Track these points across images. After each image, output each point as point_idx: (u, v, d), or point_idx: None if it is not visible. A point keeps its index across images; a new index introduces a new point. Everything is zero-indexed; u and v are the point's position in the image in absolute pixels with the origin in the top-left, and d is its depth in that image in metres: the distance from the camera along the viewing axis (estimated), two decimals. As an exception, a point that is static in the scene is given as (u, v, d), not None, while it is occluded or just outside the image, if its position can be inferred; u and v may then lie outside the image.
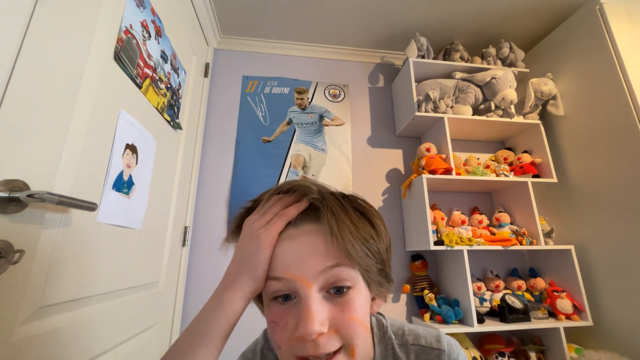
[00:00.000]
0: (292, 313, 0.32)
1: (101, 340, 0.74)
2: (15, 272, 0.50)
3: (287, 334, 0.32)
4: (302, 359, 0.32)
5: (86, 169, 0.66)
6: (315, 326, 0.30)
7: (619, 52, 1.23)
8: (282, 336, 0.32)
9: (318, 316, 0.30)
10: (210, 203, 1.43)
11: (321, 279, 0.32)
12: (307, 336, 0.30)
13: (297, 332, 0.31)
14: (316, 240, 0.33)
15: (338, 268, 0.32)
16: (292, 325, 0.32)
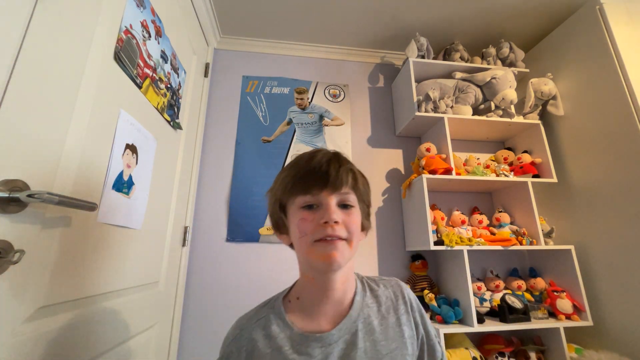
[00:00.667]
0: (317, 214, 0.47)
1: (101, 340, 0.74)
2: (15, 272, 0.50)
3: (314, 224, 0.47)
4: (318, 241, 0.46)
5: (86, 169, 0.66)
6: (334, 215, 0.46)
7: (619, 52, 1.23)
8: (310, 226, 0.47)
9: (336, 212, 0.47)
10: (210, 203, 1.44)
11: (337, 197, 0.49)
12: (330, 221, 0.46)
13: (322, 219, 0.46)
14: None
15: (348, 194, 0.50)
16: (317, 219, 0.47)
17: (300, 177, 0.49)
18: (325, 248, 0.46)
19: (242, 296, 1.33)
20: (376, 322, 0.51)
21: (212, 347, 1.27)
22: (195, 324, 1.28)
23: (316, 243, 0.46)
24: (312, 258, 0.47)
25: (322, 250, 0.46)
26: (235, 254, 1.38)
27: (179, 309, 1.25)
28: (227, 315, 1.30)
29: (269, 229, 1.43)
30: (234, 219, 1.42)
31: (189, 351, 1.25)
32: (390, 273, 1.44)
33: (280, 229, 0.54)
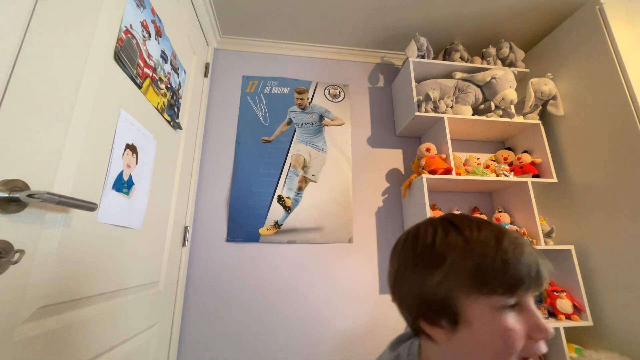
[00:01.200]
0: (522, 322, 0.37)
1: (101, 340, 0.74)
2: (15, 272, 0.50)
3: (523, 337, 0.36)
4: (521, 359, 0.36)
5: (86, 169, 0.66)
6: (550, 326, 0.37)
7: (619, 52, 1.23)
8: (520, 340, 0.36)
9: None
10: (210, 203, 1.44)
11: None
12: (549, 335, 0.36)
13: (540, 335, 0.36)
14: None
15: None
16: (525, 329, 0.36)
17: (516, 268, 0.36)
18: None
19: (242, 296, 1.33)
20: None
21: (212, 347, 1.27)
22: (195, 324, 1.28)
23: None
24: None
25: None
26: (235, 254, 1.38)
27: (179, 309, 1.25)
28: (227, 315, 1.30)
29: (269, 228, 1.43)
30: (234, 219, 1.42)
31: (189, 351, 1.25)
32: (390, 273, 1.45)
33: (440, 320, 0.39)
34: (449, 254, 0.39)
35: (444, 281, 0.38)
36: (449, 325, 0.39)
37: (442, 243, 0.40)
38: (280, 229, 1.43)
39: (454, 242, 0.39)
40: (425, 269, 0.40)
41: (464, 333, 0.38)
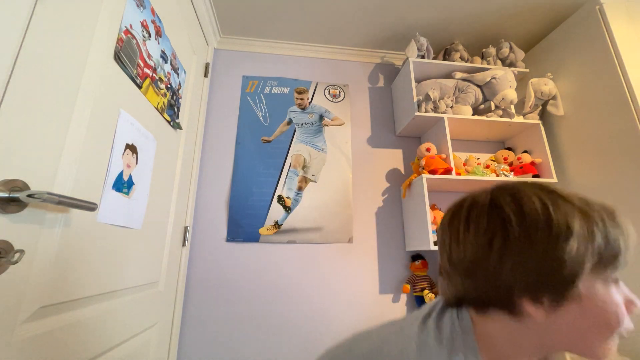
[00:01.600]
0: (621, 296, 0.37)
1: (101, 340, 0.74)
2: (15, 272, 0.50)
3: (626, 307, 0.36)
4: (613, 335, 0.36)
5: (86, 169, 0.66)
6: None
7: (619, 52, 1.23)
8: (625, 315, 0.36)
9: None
10: (210, 203, 1.44)
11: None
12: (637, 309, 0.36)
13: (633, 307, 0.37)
14: None
15: None
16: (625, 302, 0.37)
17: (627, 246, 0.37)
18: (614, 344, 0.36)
19: (242, 296, 1.33)
20: None
21: (212, 347, 1.27)
22: (195, 324, 1.28)
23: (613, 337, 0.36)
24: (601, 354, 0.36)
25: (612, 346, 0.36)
26: (235, 254, 1.38)
27: (179, 309, 1.25)
28: (227, 315, 1.30)
29: (269, 228, 1.43)
30: (234, 219, 1.42)
31: (189, 351, 1.25)
32: (390, 273, 1.45)
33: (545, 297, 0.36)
34: (574, 224, 0.35)
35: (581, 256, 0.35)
36: (553, 302, 0.36)
37: (559, 212, 0.36)
38: (280, 229, 1.43)
39: (572, 212, 0.36)
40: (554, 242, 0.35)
41: (569, 310, 0.36)
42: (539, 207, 0.37)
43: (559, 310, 0.36)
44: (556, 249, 0.35)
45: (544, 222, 0.36)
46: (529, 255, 0.36)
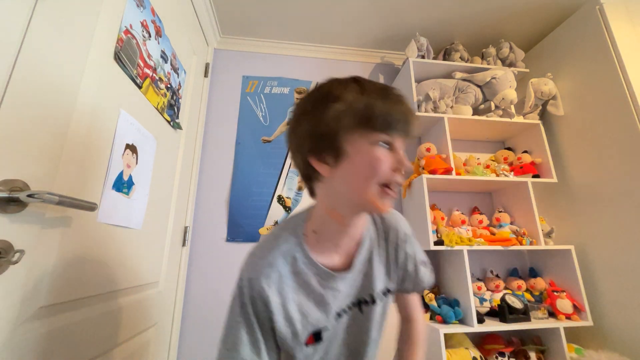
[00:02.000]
0: (391, 157, 0.46)
1: (101, 340, 0.74)
2: (15, 272, 0.50)
3: (387, 166, 0.45)
4: (384, 187, 0.45)
5: (86, 169, 0.66)
6: (407, 163, 0.46)
7: (619, 52, 1.23)
8: (384, 167, 0.45)
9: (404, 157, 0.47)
10: (210, 203, 1.44)
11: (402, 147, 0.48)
12: (405, 169, 0.46)
13: (398, 164, 0.45)
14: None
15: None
16: (392, 162, 0.45)
17: (390, 113, 0.45)
18: (386, 199, 0.46)
19: (242, 296, 1.33)
20: (376, 250, 0.57)
21: (212, 347, 1.26)
22: (195, 324, 1.28)
23: (382, 188, 0.46)
24: (371, 202, 0.46)
25: (383, 199, 0.46)
26: (235, 254, 1.38)
27: (179, 309, 1.25)
28: (227, 315, 1.30)
29: (269, 228, 1.43)
30: (234, 219, 1.42)
31: (189, 351, 1.25)
32: (390, 273, 1.44)
33: (327, 156, 0.46)
34: (346, 95, 0.45)
35: (338, 116, 0.45)
36: (333, 161, 0.46)
37: (340, 87, 0.47)
38: (280, 229, 1.43)
39: (351, 88, 0.47)
40: (322, 107, 0.46)
41: (344, 165, 0.46)
42: (324, 86, 0.49)
43: (338, 166, 0.46)
44: (322, 113, 0.45)
45: (320, 94, 0.47)
46: (307, 121, 0.47)
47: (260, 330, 0.48)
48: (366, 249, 0.56)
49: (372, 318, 0.56)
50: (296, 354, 0.51)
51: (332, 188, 0.49)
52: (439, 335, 1.13)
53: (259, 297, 0.48)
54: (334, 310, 0.52)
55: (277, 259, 0.50)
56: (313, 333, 0.51)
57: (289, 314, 0.49)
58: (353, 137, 0.45)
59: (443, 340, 1.13)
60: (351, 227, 0.52)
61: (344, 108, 0.45)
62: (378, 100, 0.45)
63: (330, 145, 0.46)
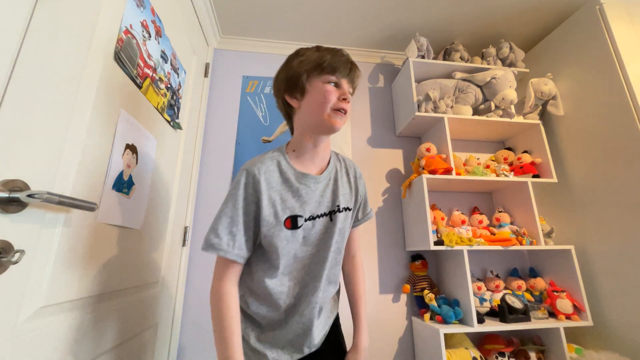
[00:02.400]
0: (338, 91, 0.67)
1: (101, 340, 0.74)
2: (15, 272, 0.50)
3: (336, 97, 0.66)
4: (335, 111, 0.66)
5: (86, 169, 0.66)
6: (349, 95, 0.68)
7: (618, 52, 1.23)
8: (333, 97, 0.65)
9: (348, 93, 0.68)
10: (210, 203, 1.43)
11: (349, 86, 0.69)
12: (348, 98, 0.67)
13: (343, 96, 0.66)
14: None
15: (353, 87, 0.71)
16: (339, 94, 0.66)
17: (332, 63, 0.66)
18: (338, 117, 0.66)
19: (242, 296, 1.33)
20: (340, 176, 0.76)
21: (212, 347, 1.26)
22: (195, 324, 1.28)
23: (333, 111, 0.65)
24: (327, 120, 0.65)
25: (336, 118, 0.66)
26: (235, 254, 1.38)
27: (179, 309, 1.25)
28: (227, 315, 1.30)
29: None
30: (234, 219, 1.42)
31: (189, 351, 1.25)
32: (390, 272, 1.45)
33: (295, 93, 0.68)
34: (306, 52, 0.69)
35: (301, 63, 0.67)
36: (300, 95, 0.68)
37: (303, 49, 0.70)
38: (280, 229, 1.43)
39: (311, 49, 0.70)
40: (291, 61, 0.70)
41: (307, 98, 0.67)
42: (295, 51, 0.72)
43: (303, 99, 0.68)
44: (291, 63, 0.69)
45: (291, 55, 0.71)
46: (282, 71, 0.71)
47: (243, 217, 0.63)
48: (333, 168, 0.75)
49: (336, 225, 0.70)
50: (277, 241, 0.64)
51: (301, 116, 0.70)
52: (439, 335, 1.14)
53: (252, 182, 0.64)
54: (308, 209, 0.68)
55: (266, 160, 0.68)
56: (290, 217, 0.65)
57: (272, 198, 0.65)
58: (311, 79, 0.67)
59: (443, 340, 1.13)
60: (319, 147, 0.71)
61: (304, 59, 0.68)
62: (328, 54, 0.67)
63: (296, 85, 0.68)
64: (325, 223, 0.70)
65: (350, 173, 0.78)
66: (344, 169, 0.78)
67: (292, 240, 0.66)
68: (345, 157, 0.82)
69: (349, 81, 0.68)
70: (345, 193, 0.74)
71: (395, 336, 1.37)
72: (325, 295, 0.71)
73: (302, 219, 0.67)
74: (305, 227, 0.67)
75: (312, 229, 0.68)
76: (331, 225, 0.70)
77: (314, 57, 0.67)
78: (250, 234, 0.64)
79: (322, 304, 0.71)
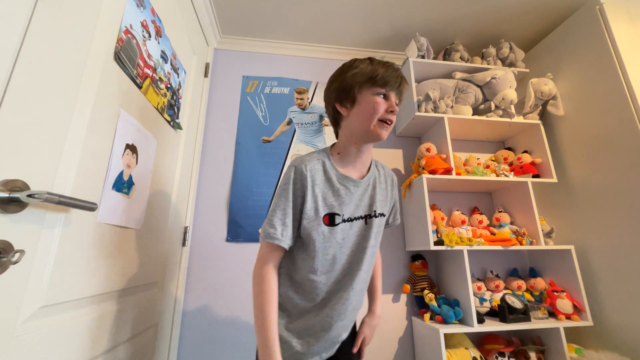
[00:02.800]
0: (386, 103, 0.69)
1: (101, 340, 0.74)
2: (15, 272, 0.50)
3: (383, 108, 0.69)
4: (382, 121, 0.69)
5: (86, 169, 0.66)
6: (396, 108, 0.70)
7: (618, 52, 1.23)
8: (381, 108, 0.68)
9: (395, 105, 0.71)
10: (210, 203, 1.44)
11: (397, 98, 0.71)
12: (395, 111, 0.70)
13: (390, 108, 0.69)
14: None
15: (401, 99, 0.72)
16: (387, 106, 0.69)
17: (384, 76, 0.69)
18: (384, 128, 0.70)
19: (242, 296, 1.33)
20: (379, 183, 0.79)
21: (212, 347, 1.27)
22: (195, 324, 1.28)
23: (379, 122, 0.69)
24: (373, 130, 0.70)
25: (382, 129, 0.70)
26: (235, 254, 1.38)
27: (179, 309, 1.25)
28: (227, 315, 1.30)
29: (269, 229, 1.43)
30: (234, 219, 1.42)
31: (189, 351, 1.25)
32: (390, 272, 1.45)
33: (346, 102, 0.72)
34: (360, 65, 0.71)
35: (354, 75, 0.71)
36: (350, 105, 0.72)
37: (357, 61, 0.73)
38: (280, 229, 1.43)
39: (365, 61, 0.72)
40: (345, 71, 0.73)
41: (356, 108, 0.71)
42: (348, 61, 0.74)
43: (353, 109, 0.71)
44: (344, 75, 0.72)
45: (345, 65, 0.74)
46: (335, 81, 0.74)
47: (292, 209, 0.68)
48: (372, 174, 0.78)
49: (372, 229, 0.74)
50: (315, 235, 0.69)
51: (349, 124, 0.73)
52: (439, 335, 1.14)
53: (300, 178, 0.69)
54: (346, 210, 0.72)
55: (312, 159, 0.73)
56: (329, 214, 0.70)
57: (315, 194, 0.70)
58: (362, 90, 0.70)
59: (443, 340, 1.13)
60: (363, 152, 0.75)
61: (357, 71, 0.70)
62: (381, 68, 0.69)
63: (348, 95, 0.71)
64: (361, 226, 0.74)
65: (387, 181, 0.82)
66: (382, 176, 0.81)
67: (330, 238, 0.70)
68: (384, 165, 0.86)
69: (397, 94, 0.70)
70: (382, 199, 0.78)
71: (395, 336, 1.37)
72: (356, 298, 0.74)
73: (339, 218, 0.71)
74: (344, 227, 0.71)
75: (349, 230, 0.72)
76: (367, 229, 0.74)
77: (367, 70, 0.70)
78: (296, 225, 0.70)
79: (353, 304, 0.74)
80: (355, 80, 0.70)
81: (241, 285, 1.35)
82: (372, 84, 0.69)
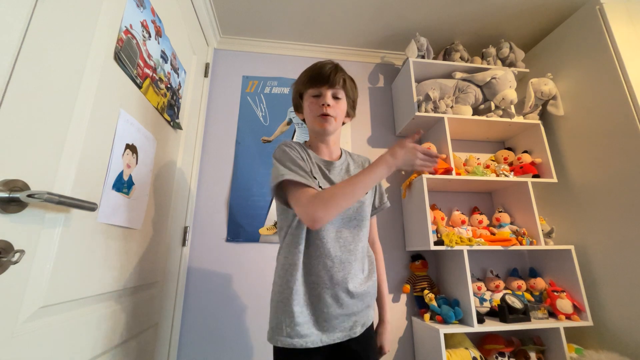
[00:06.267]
0: (319, 100, 0.78)
1: (101, 340, 0.74)
2: (15, 272, 0.50)
3: (317, 106, 0.78)
4: (319, 116, 0.78)
5: (86, 169, 0.66)
6: (327, 101, 0.77)
7: (619, 52, 1.23)
8: (315, 106, 0.78)
9: (329, 100, 0.78)
10: (210, 203, 1.44)
11: (332, 91, 0.79)
12: (325, 104, 0.77)
13: (321, 103, 0.77)
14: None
15: (339, 90, 0.80)
16: (319, 103, 0.78)
17: (313, 77, 0.78)
18: (325, 120, 0.78)
19: (242, 296, 1.33)
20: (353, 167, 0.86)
21: (212, 347, 1.27)
22: (195, 324, 1.28)
23: (318, 117, 0.78)
24: (315, 125, 0.79)
25: (320, 121, 0.78)
26: (235, 254, 1.38)
27: (179, 309, 1.25)
28: (227, 315, 1.30)
29: (269, 228, 1.43)
30: (234, 219, 1.42)
31: (189, 351, 1.25)
32: (390, 272, 1.44)
33: (298, 109, 0.86)
34: (303, 74, 0.82)
35: (296, 85, 0.84)
36: (301, 109, 0.84)
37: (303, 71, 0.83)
38: (280, 229, 1.43)
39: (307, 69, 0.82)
40: (294, 84, 0.85)
41: (304, 112, 0.83)
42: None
43: (302, 113, 0.85)
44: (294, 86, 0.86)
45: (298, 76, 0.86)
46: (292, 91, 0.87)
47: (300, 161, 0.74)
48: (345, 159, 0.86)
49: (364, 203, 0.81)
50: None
51: (307, 123, 0.84)
52: (439, 335, 1.14)
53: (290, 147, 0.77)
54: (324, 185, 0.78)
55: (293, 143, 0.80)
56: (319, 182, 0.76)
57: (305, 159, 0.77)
58: (305, 95, 0.81)
59: (443, 340, 1.13)
60: (327, 144, 0.84)
61: (298, 80, 0.84)
62: (311, 71, 0.80)
63: (297, 103, 0.86)
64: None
65: (364, 164, 0.90)
66: (357, 162, 0.89)
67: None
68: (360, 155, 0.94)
69: (329, 87, 0.77)
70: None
71: (395, 336, 1.37)
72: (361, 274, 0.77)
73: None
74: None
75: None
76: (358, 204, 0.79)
77: (302, 77, 0.81)
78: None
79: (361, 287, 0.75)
80: (297, 90, 0.83)
81: (241, 285, 1.35)
82: (307, 88, 0.79)
